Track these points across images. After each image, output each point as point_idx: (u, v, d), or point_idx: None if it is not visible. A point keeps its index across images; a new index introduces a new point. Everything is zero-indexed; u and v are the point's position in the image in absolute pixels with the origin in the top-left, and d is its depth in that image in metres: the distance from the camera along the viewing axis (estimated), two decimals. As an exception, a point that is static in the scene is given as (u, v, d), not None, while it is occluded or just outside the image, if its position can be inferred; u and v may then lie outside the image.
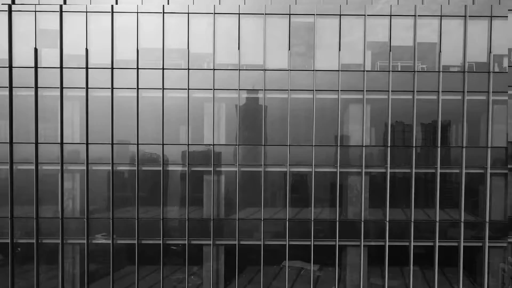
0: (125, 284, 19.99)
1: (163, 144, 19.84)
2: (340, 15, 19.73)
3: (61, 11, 19.62)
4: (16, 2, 19.72)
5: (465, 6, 19.72)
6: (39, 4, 19.68)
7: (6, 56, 19.67)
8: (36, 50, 19.69)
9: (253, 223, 20.03)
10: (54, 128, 19.82)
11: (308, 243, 20.07)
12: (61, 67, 19.70)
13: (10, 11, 19.64)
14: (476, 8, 19.81)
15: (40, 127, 19.77)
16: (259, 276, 20.18)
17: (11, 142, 19.77)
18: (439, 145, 19.90)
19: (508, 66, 19.91)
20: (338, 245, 20.10)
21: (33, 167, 19.79)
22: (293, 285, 20.31)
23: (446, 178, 20.19)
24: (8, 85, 19.67)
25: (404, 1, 20.09)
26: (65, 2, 19.79)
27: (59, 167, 19.86)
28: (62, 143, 19.81)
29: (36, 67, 19.69)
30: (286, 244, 20.04)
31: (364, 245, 20.15)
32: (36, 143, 19.79)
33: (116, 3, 19.81)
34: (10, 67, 19.69)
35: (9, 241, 19.82)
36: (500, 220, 20.15)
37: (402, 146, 20.02)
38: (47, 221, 19.94)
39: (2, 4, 19.55)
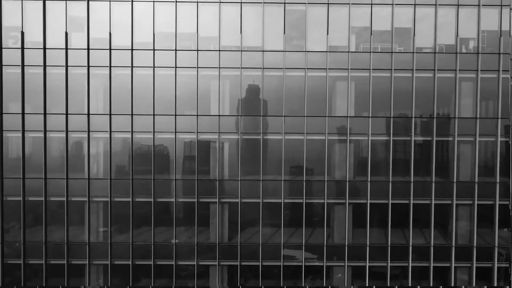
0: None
1: (175, 115, 23.06)
2: (328, 4, 22.92)
3: (88, 0, 22.85)
4: (49, -7, 22.94)
5: (436, -5, 22.92)
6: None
7: (41, 39, 22.88)
8: (66, 34, 22.92)
9: (254, 183, 23.24)
10: (82, 101, 23.05)
11: (301, 201, 23.32)
12: (88, 49, 22.93)
13: (44, 0, 22.87)
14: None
15: (69, 100, 22.99)
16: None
17: (44, 113, 23.01)
18: (413, 115, 23.10)
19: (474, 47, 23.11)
20: (327, 202, 23.33)
21: (64, 134, 23.03)
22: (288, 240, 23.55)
23: (422, 145, 23.39)
24: (42, 64, 22.89)
25: (384, -8, 23.25)
26: (91, -7, 23.01)
27: (85, 135, 23.10)
28: (88, 114, 23.05)
29: (66, 49, 22.92)
30: (282, 202, 23.28)
31: (349, 203, 23.36)
32: (67, 114, 23.03)
33: (135, -6, 23.03)
34: (44, 48, 22.92)
35: (43, 199, 23.08)
36: (466, 181, 23.35)
37: (381, 117, 23.21)
38: (75, 182, 23.18)
39: (37, -6, 22.78)
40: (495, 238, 23.36)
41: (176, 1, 22.92)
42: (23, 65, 22.92)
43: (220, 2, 22.92)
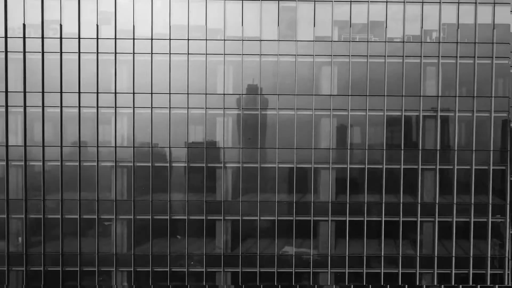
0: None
1: (188, 94, 27.77)
2: (314, 1, 27.65)
3: (115, -2, 27.58)
4: (83, -8, 27.65)
5: (404, -6, 27.64)
6: (99, -7, 27.62)
7: (76, 30, 27.59)
8: (97, 26, 27.65)
9: (254, 150, 27.95)
10: (110, 81, 27.76)
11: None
12: (115, 38, 27.66)
13: (79, -2, 27.59)
14: (412, -4, 27.70)
15: (100, 80, 27.69)
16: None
17: (79, 92, 27.72)
18: (385, 94, 27.80)
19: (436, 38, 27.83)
20: (314, 167, 28.05)
21: (95, 110, 27.74)
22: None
23: (392, 118, 28.07)
24: (77, 51, 27.61)
25: (362, -9, 27.92)
26: (118, -8, 27.71)
27: (113, 110, 27.82)
28: (116, 92, 27.78)
29: (97, 38, 27.65)
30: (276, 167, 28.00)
31: (332, 168, 28.07)
32: (97, 93, 27.73)
33: (155, -7, 27.75)
34: (79, 38, 27.65)
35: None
36: (431, 149, 28.06)
37: (359, 95, 27.90)
38: (103, 149, 27.88)
39: (73, -7, 27.48)
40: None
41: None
42: (61, 52, 27.64)
43: (225, 0, 27.63)
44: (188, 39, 27.71)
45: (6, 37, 27.51)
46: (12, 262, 28.06)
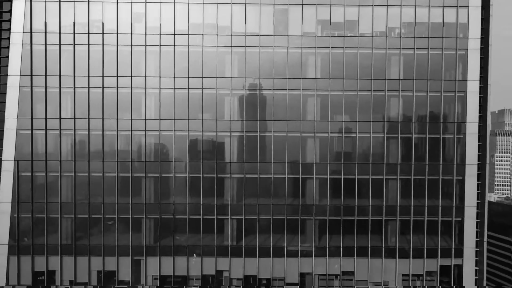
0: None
1: (202, 77, 35.32)
2: (302, 4, 35.21)
3: (145, 2, 35.18)
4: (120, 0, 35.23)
5: (372, -1, 35.22)
6: (132, 1, 35.20)
7: (115, 27, 35.18)
8: (131, 24, 35.24)
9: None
10: (141, 67, 35.29)
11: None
12: (145, 34, 35.26)
13: (117, 2, 35.17)
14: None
15: (133, 66, 35.22)
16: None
17: (117, 76, 35.27)
18: (358, 77, 35.33)
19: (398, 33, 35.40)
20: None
21: (129, 90, 35.26)
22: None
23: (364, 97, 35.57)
24: (115, 44, 35.17)
25: (340, -3, 35.48)
26: (148, -3, 35.31)
27: (143, 91, 35.36)
28: (145, 76, 35.34)
29: (131, 34, 35.24)
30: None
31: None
32: (131, 76, 35.26)
33: (176, -2, 35.35)
34: (117, 33, 35.24)
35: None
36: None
37: (337, 78, 35.42)
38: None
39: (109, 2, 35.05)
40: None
41: (203, 3, 35.24)
42: (103, 45, 35.24)
43: (232, 4, 35.22)
44: (203, 34, 35.29)
45: (60, 32, 35.09)
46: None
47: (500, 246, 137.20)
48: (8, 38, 35.31)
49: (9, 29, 35.56)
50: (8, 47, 35.37)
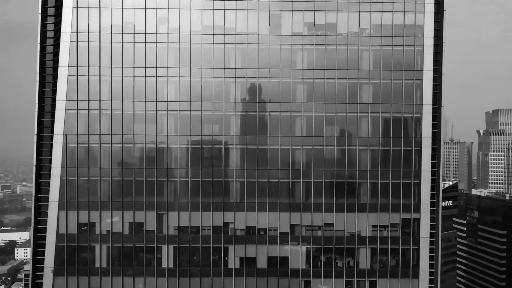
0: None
1: (213, 68, 44.55)
2: (292, 10, 44.47)
3: (168, 9, 44.45)
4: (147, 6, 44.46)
5: (347, 4, 44.42)
6: (157, 8, 44.41)
7: (143, 28, 44.45)
8: (156, 25, 44.51)
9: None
10: (163, 59, 44.53)
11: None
12: (168, 34, 44.55)
13: (145, 9, 44.43)
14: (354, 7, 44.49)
15: (158, 58, 44.45)
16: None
17: (145, 67, 44.49)
18: (336, 68, 44.54)
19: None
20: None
21: (154, 79, 44.48)
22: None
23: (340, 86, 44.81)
24: (144, 41, 44.43)
25: (323, 3, 44.66)
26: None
27: (165, 79, 44.60)
28: (167, 67, 44.57)
29: (156, 33, 44.50)
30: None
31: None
32: (157, 68, 44.52)
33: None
34: (145, 33, 44.51)
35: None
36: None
37: (319, 69, 44.61)
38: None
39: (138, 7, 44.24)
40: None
41: (213, 9, 44.48)
42: (134, 42, 44.49)
43: (236, 10, 44.47)
44: (213, 34, 44.54)
45: (100, 32, 44.33)
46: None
47: (493, 240, 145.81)
48: (59, 37, 44.51)
49: (59, 30, 44.76)
50: (59, 44, 44.59)
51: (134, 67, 44.57)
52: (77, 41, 44.35)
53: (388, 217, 45.38)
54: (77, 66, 44.38)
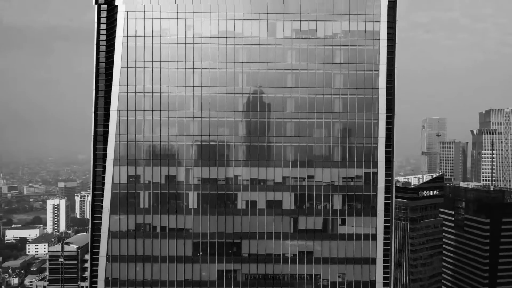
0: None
1: (226, 62, 61.30)
2: (283, 20, 61.28)
3: (193, 19, 61.27)
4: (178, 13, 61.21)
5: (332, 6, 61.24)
6: (186, 18, 61.17)
7: (175, 33, 61.24)
8: (185, 30, 61.34)
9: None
10: (190, 55, 61.32)
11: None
12: (193, 37, 61.35)
13: (177, 19, 61.23)
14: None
15: (186, 55, 61.23)
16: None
17: (177, 61, 61.32)
18: (315, 62, 61.30)
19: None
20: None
21: (183, 68, 61.27)
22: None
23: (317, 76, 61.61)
24: (176, 42, 61.23)
25: (306, 14, 61.32)
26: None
27: (192, 69, 61.38)
28: (193, 62, 61.36)
29: (185, 36, 61.26)
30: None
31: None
32: (185, 61, 61.29)
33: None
34: (177, 36, 61.32)
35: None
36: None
37: (303, 63, 61.32)
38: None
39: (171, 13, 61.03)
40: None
41: (226, 19, 61.28)
42: (169, 43, 61.25)
43: (243, 20, 61.27)
44: (227, 37, 61.31)
45: (144, 36, 61.10)
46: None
47: (477, 228, 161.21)
48: (115, 39, 61.33)
49: (111, 34, 61.54)
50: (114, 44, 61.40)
51: (169, 61, 61.28)
52: (127, 42, 61.10)
53: (354, 171, 61.99)
54: (127, 60, 61.07)
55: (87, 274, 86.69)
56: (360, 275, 61.64)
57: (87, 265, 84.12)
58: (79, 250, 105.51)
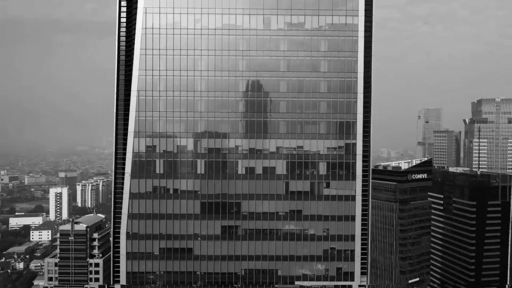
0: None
1: (229, 50, 72.75)
2: (277, 15, 72.64)
3: (201, 13, 72.70)
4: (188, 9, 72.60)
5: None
6: (195, 13, 72.56)
7: (186, 25, 72.70)
8: (194, 24, 72.77)
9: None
10: (198, 43, 72.82)
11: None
12: (201, 28, 72.85)
13: (187, 13, 72.64)
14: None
15: (195, 44, 72.70)
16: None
17: (187, 49, 72.81)
18: (304, 50, 72.79)
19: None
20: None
21: (192, 56, 72.76)
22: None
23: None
24: (186, 33, 72.71)
25: (296, 10, 72.60)
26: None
27: (200, 56, 72.91)
28: (201, 50, 72.86)
29: (194, 28, 72.75)
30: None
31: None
32: (194, 50, 72.79)
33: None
34: (187, 28, 72.79)
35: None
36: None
37: (294, 50, 72.78)
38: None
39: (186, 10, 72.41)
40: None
41: (229, 14, 72.70)
42: (180, 34, 72.69)
43: (243, 14, 72.66)
44: (229, 29, 72.73)
45: (159, 28, 72.56)
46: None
47: (464, 210, 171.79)
48: (134, 30, 72.78)
49: (130, 27, 72.96)
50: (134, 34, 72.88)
51: (180, 48, 72.77)
52: (145, 33, 72.55)
53: (336, 142, 73.66)
54: (145, 48, 72.50)
55: (95, 251, 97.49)
56: (342, 229, 73.41)
57: (96, 243, 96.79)
58: (88, 229, 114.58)
